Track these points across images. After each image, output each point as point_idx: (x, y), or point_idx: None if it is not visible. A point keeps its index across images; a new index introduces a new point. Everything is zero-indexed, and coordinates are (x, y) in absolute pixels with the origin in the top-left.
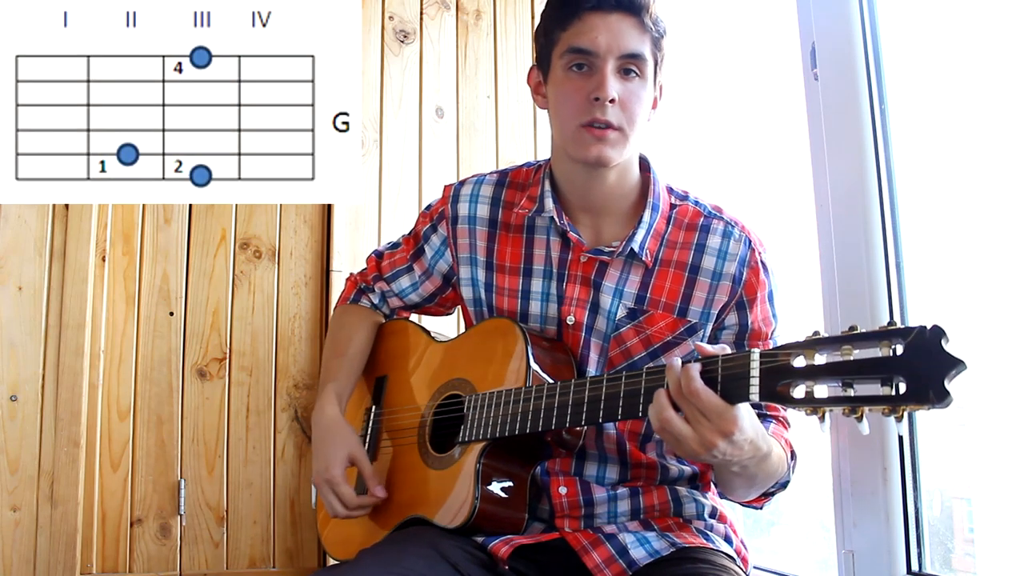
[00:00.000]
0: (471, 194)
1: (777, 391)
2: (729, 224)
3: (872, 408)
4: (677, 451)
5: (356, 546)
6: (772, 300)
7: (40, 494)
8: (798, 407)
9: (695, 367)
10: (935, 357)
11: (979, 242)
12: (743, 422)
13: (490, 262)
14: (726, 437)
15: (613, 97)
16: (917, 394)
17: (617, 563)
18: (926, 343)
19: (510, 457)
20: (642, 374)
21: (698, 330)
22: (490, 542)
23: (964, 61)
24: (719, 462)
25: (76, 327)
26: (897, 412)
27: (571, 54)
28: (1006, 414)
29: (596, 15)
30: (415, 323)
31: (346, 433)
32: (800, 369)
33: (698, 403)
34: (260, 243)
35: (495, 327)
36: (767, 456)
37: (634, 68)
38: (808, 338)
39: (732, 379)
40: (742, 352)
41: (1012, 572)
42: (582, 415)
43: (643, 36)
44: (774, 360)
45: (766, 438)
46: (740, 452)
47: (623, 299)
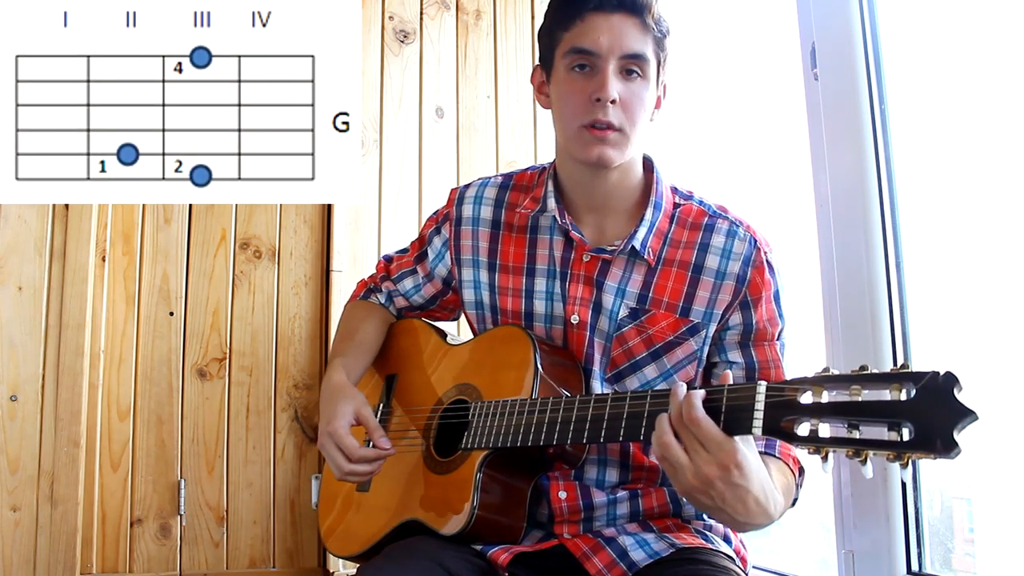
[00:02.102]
0: (475, 196)
1: (781, 426)
2: (734, 223)
3: (877, 453)
4: (674, 483)
5: (354, 541)
6: (778, 300)
7: (40, 494)
8: (801, 445)
9: (698, 395)
10: (946, 406)
11: (979, 241)
12: (747, 465)
13: (493, 263)
14: (723, 471)
15: (614, 98)
16: (924, 443)
17: (618, 566)
18: (938, 390)
19: (511, 468)
20: (647, 397)
21: (700, 330)
22: (489, 550)
23: (964, 61)
24: (713, 507)
25: (76, 327)
26: (902, 459)
27: (573, 54)
28: (1006, 414)
29: (598, 15)
30: (427, 323)
31: (352, 393)
32: (806, 406)
33: (698, 432)
34: (260, 243)
35: (506, 335)
36: (765, 512)
37: (636, 68)
38: (818, 374)
39: (736, 410)
40: (748, 383)
41: (1012, 572)
42: (584, 432)
43: (645, 36)
44: (780, 394)
45: (775, 498)
46: (737, 501)
47: (625, 298)
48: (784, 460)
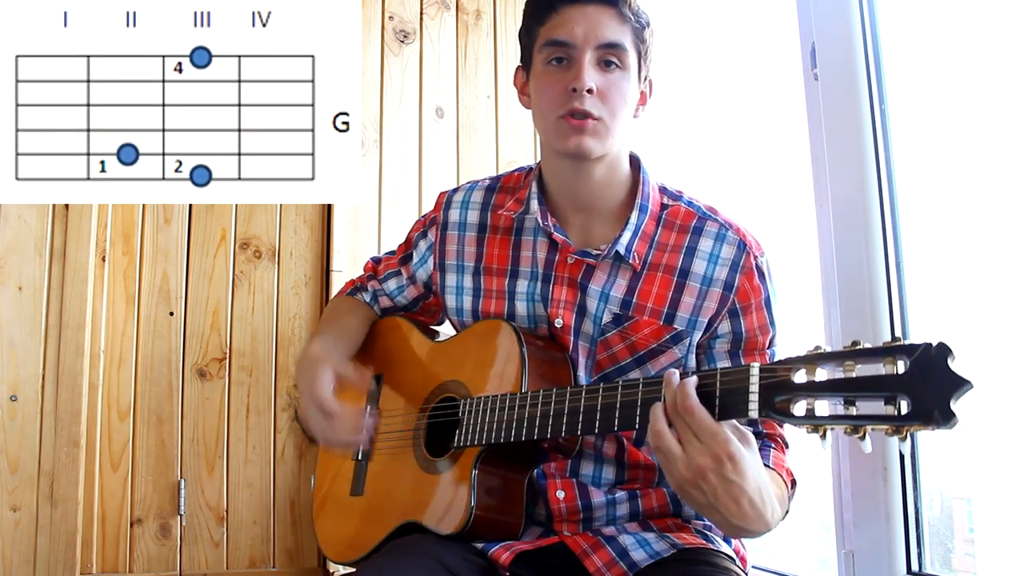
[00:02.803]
0: (462, 200)
1: (777, 406)
2: (723, 226)
3: (875, 427)
4: (668, 477)
5: (348, 545)
6: (770, 307)
7: (40, 494)
8: (798, 424)
9: (691, 382)
10: (941, 376)
11: (979, 243)
12: (741, 461)
13: (478, 267)
14: (716, 463)
15: (591, 87)
16: (921, 414)
17: (618, 566)
18: (931, 361)
19: (506, 462)
20: (639, 385)
21: (684, 338)
22: (490, 548)
23: (964, 61)
24: (706, 504)
25: (76, 327)
26: (901, 432)
27: (549, 47)
28: (1006, 414)
29: (573, 7)
30: (411, 320)
31: (332, 356)
32: (801, 385)
33: (691, 421)
34: (260, 243)
35: (490, 328)
36: (761, 517)
37: (614, 59)
38: (810, 352)
39: (730, 394)
40: (741, 367)
41: (1012, 572)
42: (578, 424)
43: (622, 26)
44: (774, 375)
45: (772, 506)
46: (730, 499)
47: (609, 303)
48: (777, 471)
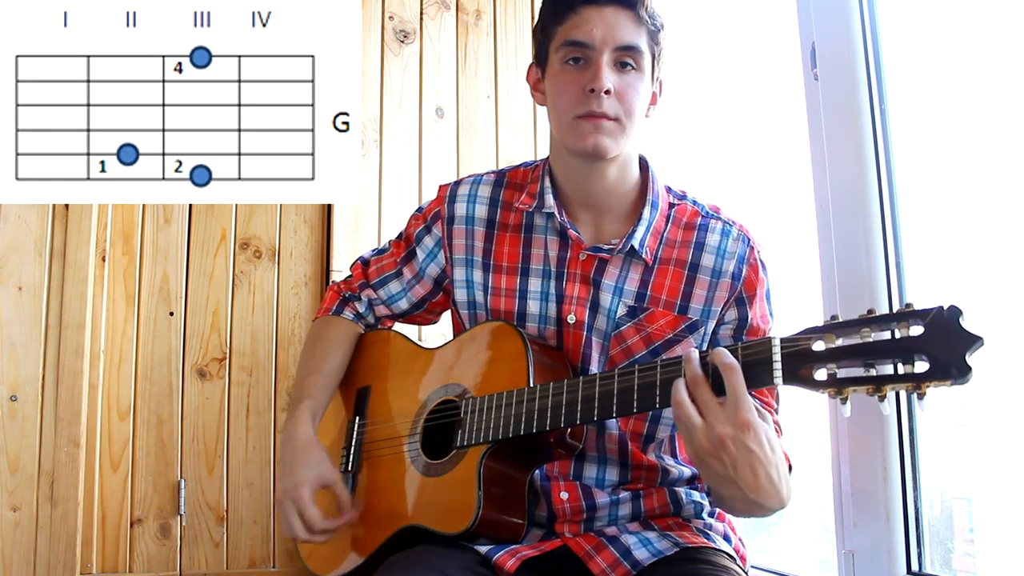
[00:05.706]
0: (468, 194)
1: (800, 374)
2: (727, 223)
3: (896, 386)
4: (688, 450)
5: (341, 559)
6: (769, 298)
7: (40, 494)
8: (821, 389)
9: (722, 349)
10: (955, 334)
11: (978, 241)
12: (760, 430)
13: (487, 263)
14: (736, 430)
15: (609, 88)
16: (939, 371)
17: (622, 565)
18: (945, 322)
19: (512, 460)
20: (657, 366)
21: (699, 327)
22: (494, 554)
23: (964, 61)
24: (725, 476)
25: (76, 327)
26: (920, 389)
27: (567, 47)
28: (1006, 414)
29: (591, 8)
30: (398, 332)
31: (321, 456)
32: (821, 352)
33: (729, 376)
34: (260, 243)
35: (489, 329)
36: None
37: (630, 61)
38: (827, 323)
39: (755, 364)
40: (761, 339)
41: (1012, 572)
42: (594, 410)
43: (639, 29)
44: (795, 345)
45: (788, 482)
46: (748, 470)
47: (623, 297)
48: None
